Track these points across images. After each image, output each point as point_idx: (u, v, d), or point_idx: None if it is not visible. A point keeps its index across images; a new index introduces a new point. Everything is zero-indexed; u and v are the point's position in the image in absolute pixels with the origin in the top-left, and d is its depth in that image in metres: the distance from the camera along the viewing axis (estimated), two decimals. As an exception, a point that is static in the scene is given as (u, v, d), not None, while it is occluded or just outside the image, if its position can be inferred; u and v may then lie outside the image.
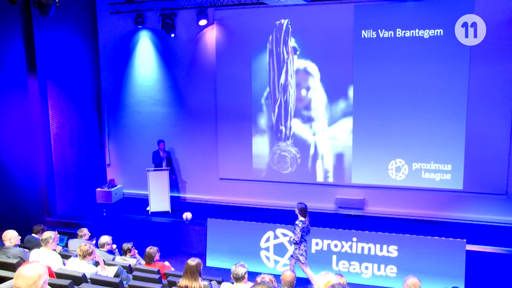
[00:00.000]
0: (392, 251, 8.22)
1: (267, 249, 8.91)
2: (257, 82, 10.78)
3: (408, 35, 9.54)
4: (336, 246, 8.53)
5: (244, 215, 10.00)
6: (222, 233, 9.16)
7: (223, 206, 11.06)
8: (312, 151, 10.63)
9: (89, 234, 7.91)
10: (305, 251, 7.67)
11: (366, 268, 8.37)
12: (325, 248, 8.59)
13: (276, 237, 8.86)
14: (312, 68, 10.36)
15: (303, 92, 10.51)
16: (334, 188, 10.59)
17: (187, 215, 9.96)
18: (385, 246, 8.27)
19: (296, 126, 10.65)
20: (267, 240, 8.89)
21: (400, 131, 9.90)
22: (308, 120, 10.56)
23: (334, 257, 8.53)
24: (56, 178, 10.58)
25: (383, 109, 9.95)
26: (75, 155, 11.28)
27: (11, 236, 6.53)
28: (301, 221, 7.57)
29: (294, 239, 7.56)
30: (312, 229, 8.63)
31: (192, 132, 11.50)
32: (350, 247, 8.45)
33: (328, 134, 10.47)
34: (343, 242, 8.49)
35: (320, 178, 10.67)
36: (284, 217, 9.87)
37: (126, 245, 7.31)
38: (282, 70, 10.55)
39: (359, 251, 8.41)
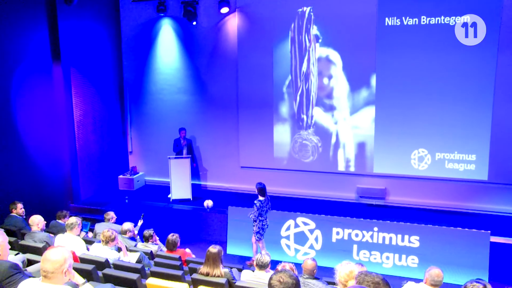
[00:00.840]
0: (414, 241, 8.15)
1: (287, 237, 8.92)
2: (279, 70, 10.73)
3: (433, 23, 9.35)
4: (357, 235, 8.49)
5: (265, 204, 10.04)
6: (242, 221, 9.18)
7: (244, 194, 11.09)
8: (333, 140, 10.57)
9: (115, 217, 8.07)
10: (262, 228, 8.25)
11: (387, 258, 8.32)
12: (346, 238, 8.55)
13: (296, 225, 8.85)
14: (335, 56, 10.26)
15: (325, 80, 10.43)
16: (356, 178, 10.53)
17: (208, 203, 10.03)
18: (406, 236, 8.20)
19: (318, 114, 10.59)
20: (288, 228, 8.89)
21: (424, 121, 9.74)
22: (330, 108, 10.49)
23: (355, 246, 8.49)
24: (79, 165, 10.76)
25: (406, 98, 9.80)
26: (98, 142, 11.44)
27: (39, 221, 6.68)
28: (259, 200, 8.17)
29: (253, 216, 8.21)
30: (333, 218, 8.66)
31: (214, 120, 11.54)
32: (371, 236, 8.40)
33: (350, 123, 10.39)
34: (364, 232, 8.45)
35: (341, 167, 10.62)
36: (305, 206, 9.91)
37: (147, 232, 7.41)
38: (304, 58, 10.47)
39: (380, 241, 8.36)
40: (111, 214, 8.10)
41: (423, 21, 9.40)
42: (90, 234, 8.28)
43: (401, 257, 8.24)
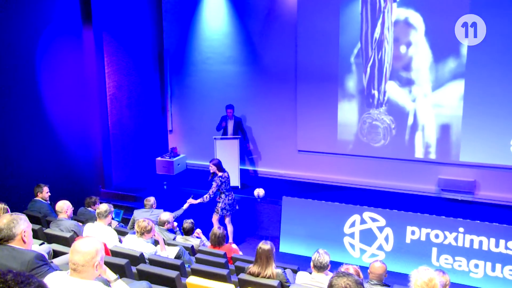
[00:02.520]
0: (512, 247, 7.87)
1: (351, 235, 8.85)
2: (346, 37, 10.53)
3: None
4: (437, 236, 8.30)
5: (326, 194, 9.97)
6: (299, 214, 9.18)
7: (301, 183, 11.08)
8: (410, 120, 10.34)
9: (156, 203, 8.26)
10: (229, 204, 9.07)
11: (476, 266, 8.08)
12: (423, 238, 8.39)
13: (363, 221, 8.76)
14: (415, 18, 9.94)
15: (403, 48, 10.17)
16: (437, 167, 10.31)
17: (259, 192, 10.06)
18: (502, 241, 7.89)
19: (392, 90, 10.36)
20: (352, 224, 8.82)
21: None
22: (407, 83, 10.23)
23: (434, 249, 8.32)
24: (112, 145, 11.02)
25: (505, 70, 9.39)
26: (134, 119, 11.65)
27: (67, 208, 6.88)
28: (219, 177, 8.89)
29: (209, 195, 8.82)
30: (407, 215, 8.50)
31: (268, 96, 11.51)
32: (455, 239, 8.19)
33: (431, 101, 10.11)
34: (447, 233, 8.25)
35: (419, 154, 10.40)
36: (373, 199, 9.79)
37: (187, 224, 7.50)
38: (377, 21, 10.22)
39: (466, 245, 8.13)
40: (152, 200, 8.27)
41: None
42: (121, 223, 8.51)
43: (494, 266, 7.97)
